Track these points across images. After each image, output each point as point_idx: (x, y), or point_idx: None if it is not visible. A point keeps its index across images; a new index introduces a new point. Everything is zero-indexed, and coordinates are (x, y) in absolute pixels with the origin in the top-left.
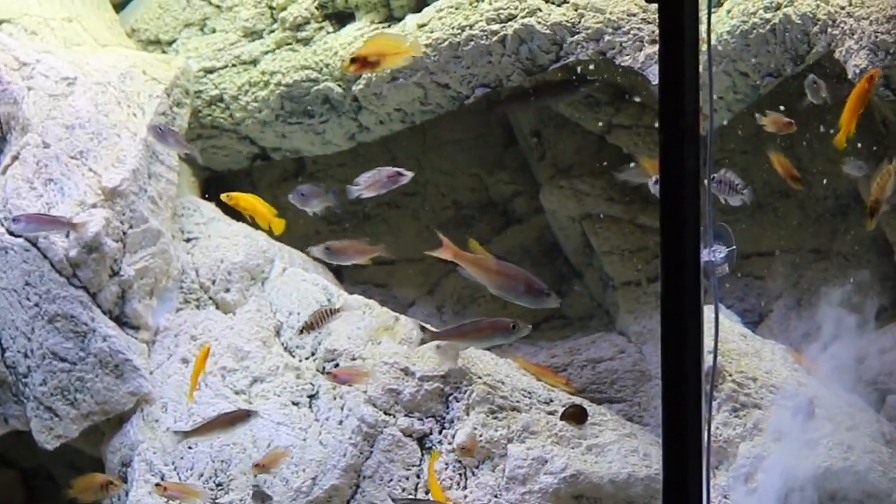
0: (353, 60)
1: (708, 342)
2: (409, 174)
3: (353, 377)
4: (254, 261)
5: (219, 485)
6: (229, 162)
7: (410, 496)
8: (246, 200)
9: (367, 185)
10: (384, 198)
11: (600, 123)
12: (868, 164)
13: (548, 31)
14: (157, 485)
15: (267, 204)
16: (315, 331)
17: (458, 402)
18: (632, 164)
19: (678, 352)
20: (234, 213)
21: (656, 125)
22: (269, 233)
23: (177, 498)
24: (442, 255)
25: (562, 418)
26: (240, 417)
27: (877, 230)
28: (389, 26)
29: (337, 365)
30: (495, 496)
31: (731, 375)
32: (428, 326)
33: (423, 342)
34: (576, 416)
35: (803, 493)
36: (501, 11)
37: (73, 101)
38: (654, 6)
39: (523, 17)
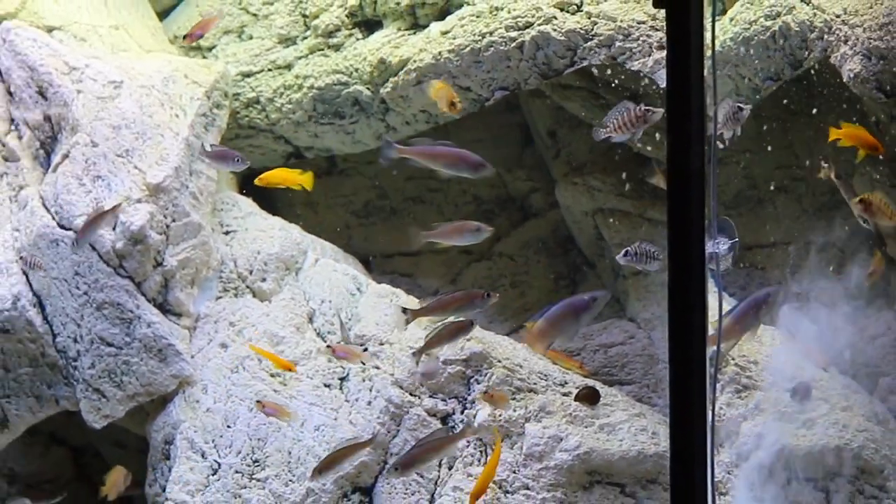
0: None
1: (712, 328)
2: (660, 111)
3: (350, 355)
4: (288, 252)
5: (255, 461)
6: (265, 160)
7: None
8: (273, 175)
9: (616, 126)
10: (410, 193)
11: None
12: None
13: (563, 38)
14: (328, 346)
15: (291, 169)
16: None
17: (478, 384)
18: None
19: (684, 337)
20: (269, 207)
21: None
22: (301, 225)
23: (343, 358)
24: None
25: (576, 399)
26: (463, 328)
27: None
28: (415, 33)
29: (366, 349)
30: (513, 472)
31: (733, 359)
32: (409, 307)
33: (407, 322)
34: (589, 397)
35: (801, 469)
36: (519, 19)
37: (120, 103)
38: (663, 13)
39: (540, 25)
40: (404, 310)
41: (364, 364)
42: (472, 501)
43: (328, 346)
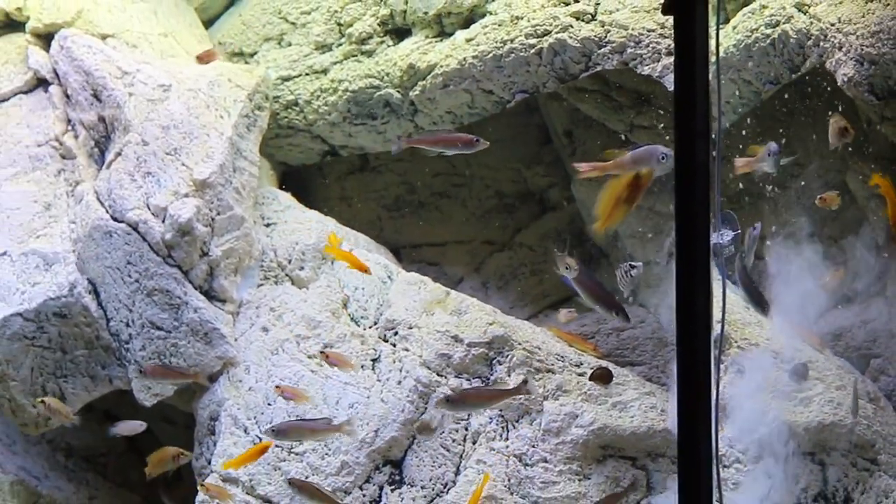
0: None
1: (716, 313)
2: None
3: (342, 363)
4: (324, 243)
5: None
6: (303, 158)
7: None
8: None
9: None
10: (437, 188)
11: (623, 124)
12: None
13: (578, 45)
14: (322, 352)
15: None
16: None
17: (500, 364)
18: None
19: (691, 321)
20: (306, 201)
21: (672, 125)
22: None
23: (335, 365)
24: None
25: (590, 379)
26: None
27: (863, 216)
28: (441, 40)
29: (396, 333)
30: (532, 446)
31: (736, 342)
32: (401, 137)
33: (398, 148)
34: (602, 377)
35: (798, 444)
36: (538, 28)
37: (168, 105)
38: (671, 22)
39: (557, 33)
40: (398, 136)
41: (358, 324)
42: None
43: (321, 352)
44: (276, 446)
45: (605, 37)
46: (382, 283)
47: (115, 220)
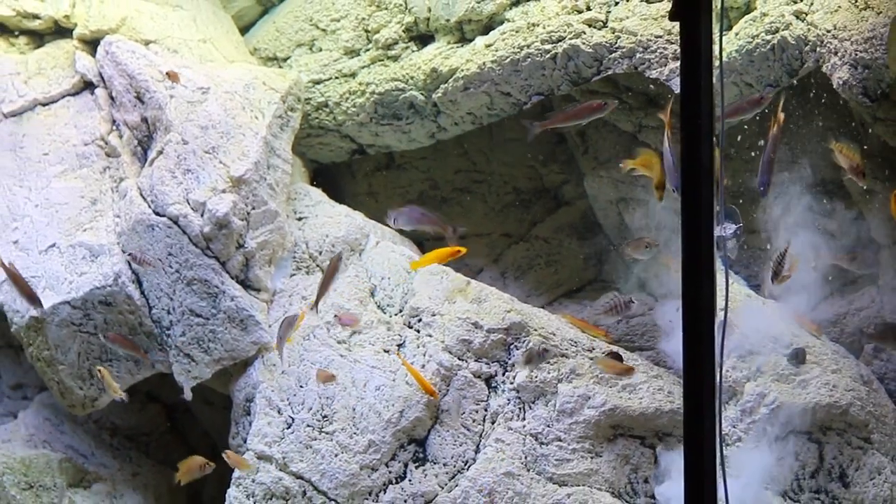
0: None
1: (719, 301)
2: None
3: (353, 322)
4: (353, 235)
5: (324, 416)
6: (333, 156)
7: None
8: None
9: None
10: (458, 184)
11: (632, 124)
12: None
13: (590, 51)
14: (335, 316)
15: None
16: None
17: (517, 349)
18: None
19: (696, 308)
20: (336, 197)
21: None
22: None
23: (348, 325)
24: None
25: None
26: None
27: (857, 210)
28: (462, 46)
29: (420, 320)
30: (548, 426)
31: (738, 328)
32: (534, 123)
33: (532, 135)
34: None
35: (796, 424)
36: (553, 34)
37: (207, 106)
38: (677, 29)
39: (571, 39)
40: (531, 122)
41: (384, 312)
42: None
43: (335, 316)
44: (308, 426)
45: (616, 43)
46: (407, 273)
47: (156, 214)
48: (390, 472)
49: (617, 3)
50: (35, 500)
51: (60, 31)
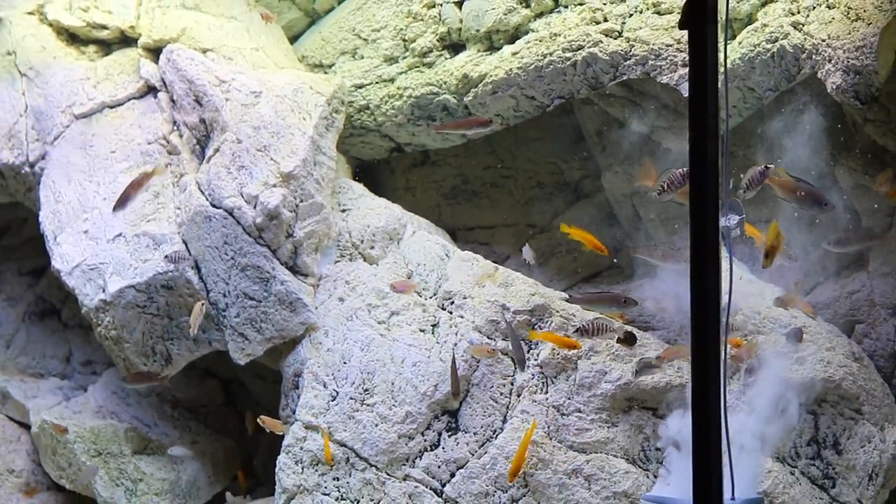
0: None
1: (724, 285)
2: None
3: (407, 287)
4: (392, 225)
5: (366, 390)
6: (373, 153)
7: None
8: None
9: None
10: (487, 179)
11: (645, 125)
12: (842, 154)
13: (607, 58)
14: (391, 285)
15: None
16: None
17: (541, 329)
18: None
19: (703, 293)
20: (376, 191)
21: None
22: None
23: (402, 291)
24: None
25: (618, 342)
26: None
27: (849, 204)
28: (491, 54)
29: (452, 302)
30: (568, 398)
31: (741, 310)
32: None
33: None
34: (628, 340)
35: (794, 397)
36: (573, 43)
37: (259, 108)
38: (686, 39)
39: (589, 48)
40: (569, 297)
41: (420, 295)
42: (511, 476)
43: (390, 285)
44: (351, 398)
45: (630, 51)
46: (441, 260)
47: (213, 206)
48: (425, 441)
49: (631, 15)
50: (104, 466)
51: (126, 40)
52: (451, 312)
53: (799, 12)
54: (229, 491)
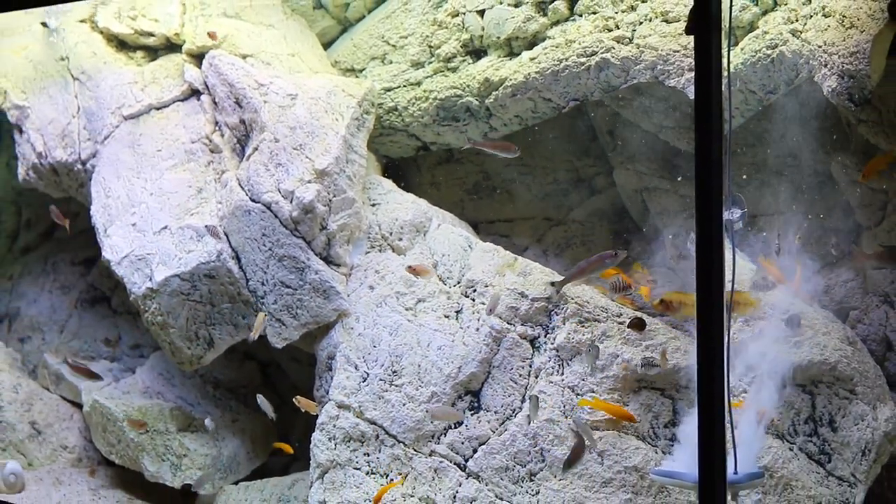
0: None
1: (728, 274)
2: None
3: (422, 271)
4: (418, 219)
5: (394, 372)
6: (401, 152)
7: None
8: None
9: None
10: (507, 175)
11: (654, 126)
12: (840, 153)
13: (619, 63)
14: (409, 267)
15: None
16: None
17: (557, 315)
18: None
19: (708, 281)
20: (404, 186)
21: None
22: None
23: (419, 274)
24: None
25: (628, 327)
26: (602, 259)
27: (844, 199)
28: (510, 59)
29: (475, 290)
30: (583, 379)
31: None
32: (553, 279)
33: (557, 292)
34: (638, 325)
35: (791, 378)
36: (587, 49)
37: (295, 110)
38: (692, 45)
39: (602, 53)
40: (552, 283)
41: (444, 283)
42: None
43: (409, 267)
44: (380, 380)
45: (640, 56)
46: (464, 251)
47: (253, 201)
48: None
49: (641, 23)
50: (150, 443)
51: (171, 46)
52: (473, 300)
53: (797, 20)
54: (268, 465)
